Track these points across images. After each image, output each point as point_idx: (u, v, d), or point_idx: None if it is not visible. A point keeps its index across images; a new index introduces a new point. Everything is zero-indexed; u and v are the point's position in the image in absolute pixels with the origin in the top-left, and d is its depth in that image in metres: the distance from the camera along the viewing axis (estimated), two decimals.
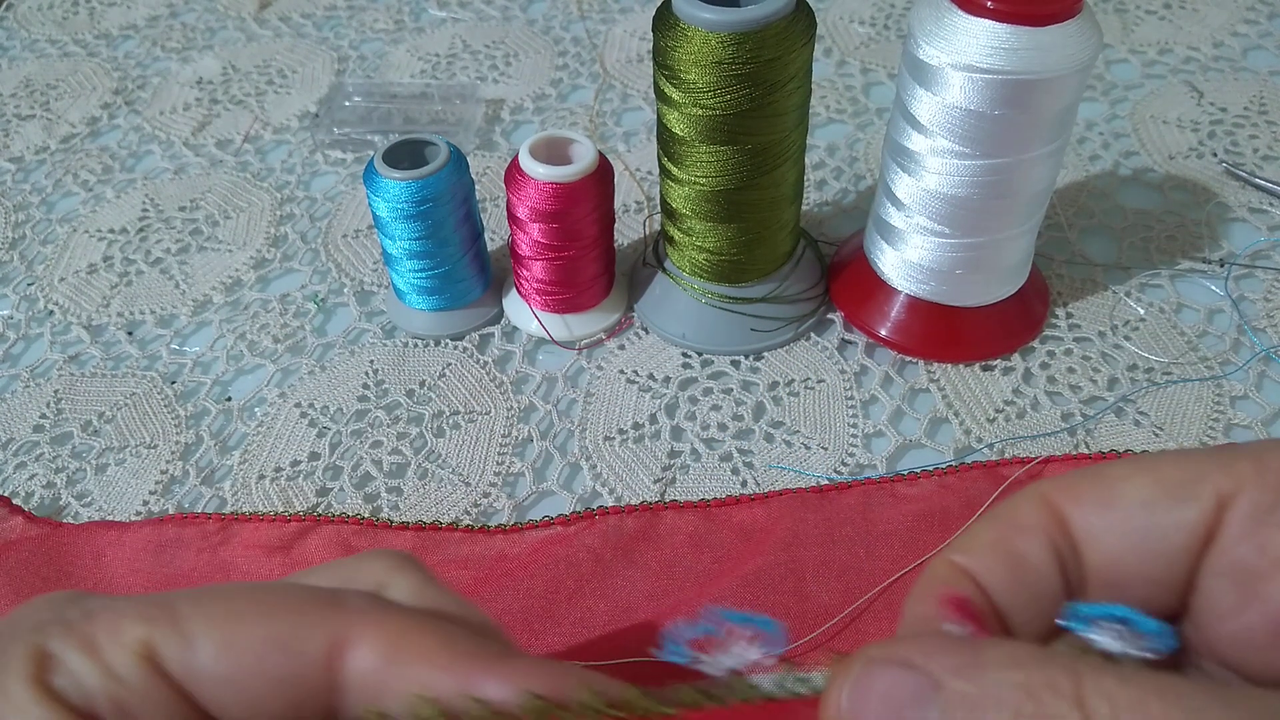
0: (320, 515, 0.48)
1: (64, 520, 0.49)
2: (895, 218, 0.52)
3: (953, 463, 0.49)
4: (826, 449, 0.51)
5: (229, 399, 0.55)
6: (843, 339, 0.56)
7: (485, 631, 0.26)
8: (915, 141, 0.49)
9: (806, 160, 0.60)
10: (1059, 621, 0.23)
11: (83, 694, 0.21)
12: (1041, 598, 0.24)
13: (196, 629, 0.22)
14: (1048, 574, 0.24)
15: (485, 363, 0.56)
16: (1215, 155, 0.67)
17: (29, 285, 0.63)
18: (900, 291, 0.54)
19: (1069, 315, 0.57)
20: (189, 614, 0.22)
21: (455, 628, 0.23)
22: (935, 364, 0.54)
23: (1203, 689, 0.18)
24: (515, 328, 0.57)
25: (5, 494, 0.50)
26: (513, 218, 0.53)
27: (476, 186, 0.56)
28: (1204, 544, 0.24)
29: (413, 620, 0.23)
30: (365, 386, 0.55)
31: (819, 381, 0.54)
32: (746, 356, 0.55)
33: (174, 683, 0.22)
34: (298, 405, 0.54)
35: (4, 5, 0.89)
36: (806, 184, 0.64)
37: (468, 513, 0.49)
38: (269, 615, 0.22)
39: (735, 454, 0.51)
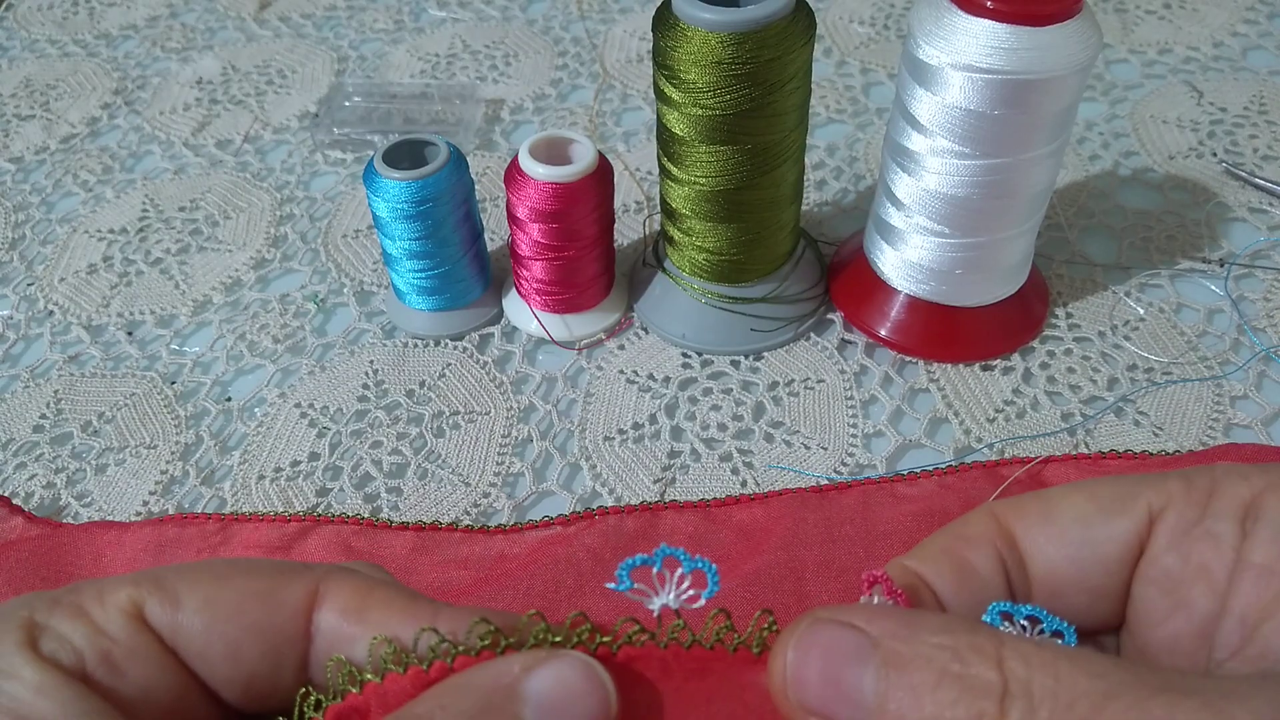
0: (320, 515, 0.48)
1: (64, 520, 0.49)
2: (895, 218, 0.52)
3: (952, 463, 0.49)
4: (826, 449, 0.51)
5: (229, 399, 0.55)
6: (843, 339, 0.56)
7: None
8: (915, 141, 0.49)
9: (806, 160, 0.60)
10: (982, 619, 0.24)
11: (73, 654, 0.22)
12: (984, 601, 0.26)
13: (181, 588, 0.23)
14: (991, 580, 0.26)
15: (485, 363, 0.56)
16: (1215, 155, 0.67)
17: (29, 285, 0.63)
18: (900, 291, 0.54)
19: (1069, 315, 0.57)
20: (174, 578, 0.24)
21: (414, 592, 0.24)
22: (935, 364, 0.54)
23: (1108, 658, 0.21)
24: (515, 328, 0.57)
25: (5, 494, 0.50)
26: (513, 218, 0.53)
27: (476, 186, 0.56)
28: (1135, 555, 0.26)
29: (378, 581, 0.25)
30: (365, 387, 0.55)
31: (819, 381, 0.54)
32: (746, 356, 0.55)
33: (160, 639, 0.23)
34: (298, 405, 0.54)
35: (4, 5, 0.89)
36: (806, 184, 0.64)
37: (468, 513, 0.49)
38: (249, 574, 0.24)
39: (735, 454, 0.51)
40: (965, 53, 0.45)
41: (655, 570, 0.22)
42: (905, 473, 0.49)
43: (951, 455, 0.50)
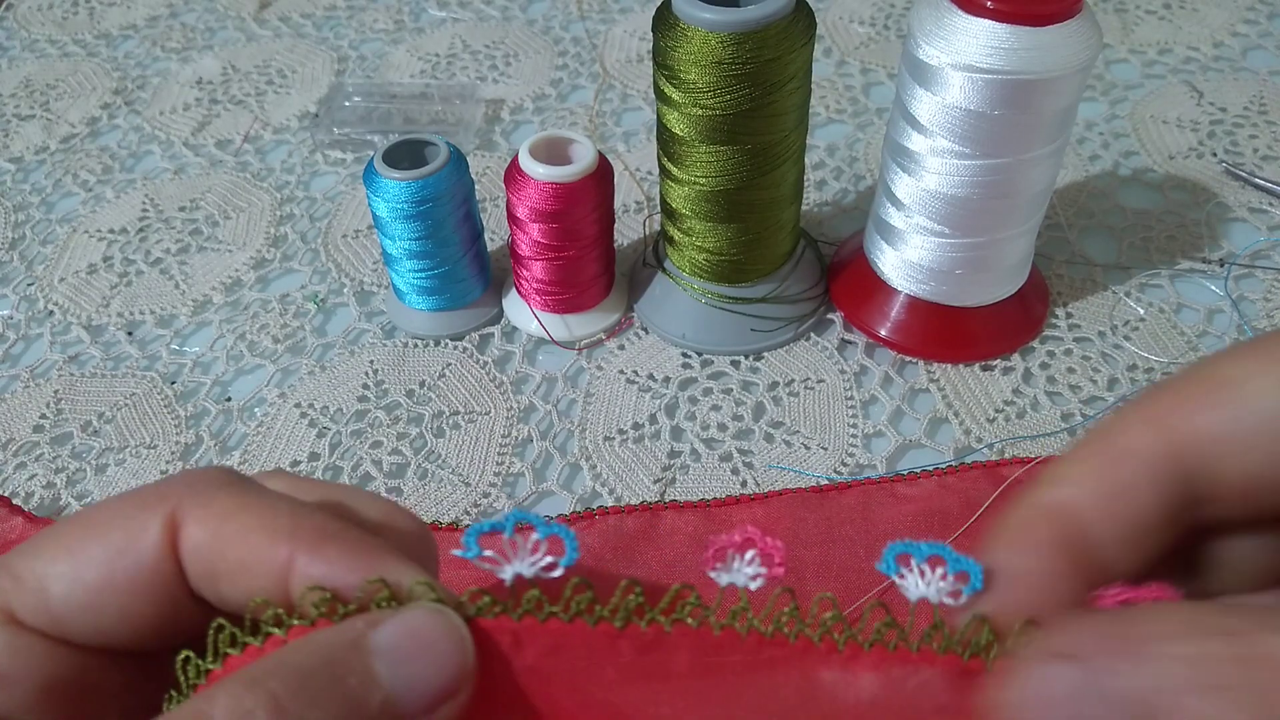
0: None
1: None
2: (895, 218, 0.52)
3: (953, 463, 0.49)
4: (826, 449, 0.51)
5: (229, 399, 0.55)
6: (843, 339, 0.56)
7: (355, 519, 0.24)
8: (915, 141, 0.49)
9: (806, 160, 0.60)
10: (877, 566, 0.21)
11: None
12: (1147, 534, 0.21)
13: (41, 572, 0.22)
14: (1154, 507, 0.21)
15: (485, 363, 0.56)
16: (1215, 155, 0.67)
17: (29, 285, 0.63)
18: (900, 291, 0.54)
19: (1069, 315, 0.57)
20: (28, 565, 0.22)
21: (289, 506, 0.22)
22: (935, 364, 0.54)
23: None
24: (515, 328, 0.58)
25: (5, 494, 0.50)
26: (513, 218, 0.53)
27: (476, 186, 0.56)
28: None
29: (242, 498, 0.22)
30: (365, 387, 0.55)
31: (819, 381, 0.54)
32: (746, 356, 0.55)
33: (38, 632, 0.22)
34: (298, 405, 0.54)
35: (4, 5, 0.89)
36: (806, 184, 0.64)
37: (468, 513, 0.49)
38: (102, 531, 0.22)
39: (735, 454, 0.51)
40: (965, 53, 0.45)
41: (506, 536, 0.21)
42: (905, 473, 0.49)
43: (951, 455, 0.50)
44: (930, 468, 0.49)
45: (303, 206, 0.67)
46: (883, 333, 0.54)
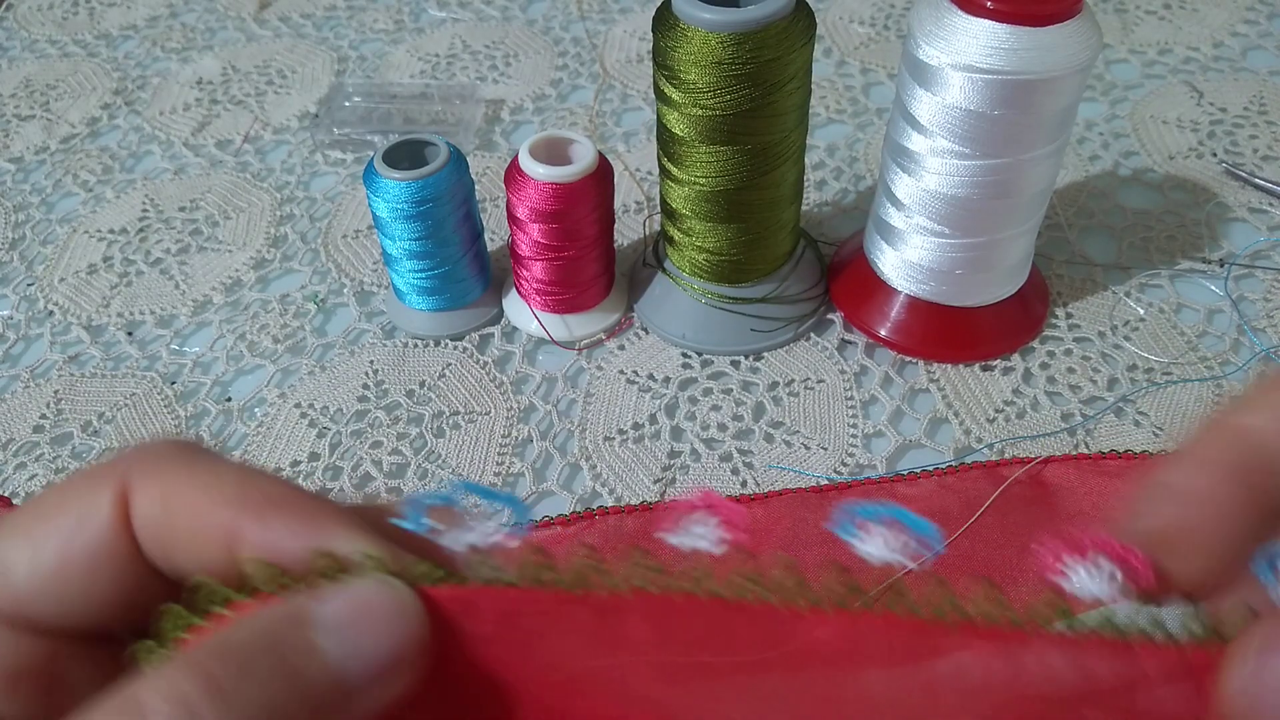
0: None
1: None
2: (895, 218, 0.52)
3: (953, 463, 0.49)
4: (826, 449, 0.51)
5: (229, 399, 0.55)
6: (843, 339, 0.56)
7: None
8: (915, 141, 0.49)
9: (806, 160, 0.60)
10: (827, 526, 0.20)
11: None
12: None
13: (1, 558, 0.21)
14: None
15: (485, 363, 0.56)
16: (1215, 155, 0.67)
17: (29, 285, 0.63)
18: (900, 291, 0.54)
19: (1069, 315, 0.57)
20: None
21: (237, 474, 0.21)
22: (935, 364, 0.54)
23: None
24: (515, 328, 0.57)
25: (5, 494, 0.50)
26: (513, 218, 0.53)
27: (476, 186, 0.56)
28: None
29: (190, 467, 0.21)
30: (365, 387, 0.55)
31: (819, 381, 0.54)
32: (746, 356, 0.55)
33: (3, 620, 0.21)
34: (298, 405, 0.54)
35: (4, 5, 0.89)
36: (806, 184, 0.64)
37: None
38: (56, 511, 0.21)
39: (735, 454, 0.51)
40: (965, 53, 0.45)
41: (453, 507, 0.20)
42: (905, 473, 0.49)
43: (951, 455, 0.50)
44: (930, 468, 0.49)
45: (303, 206, 0.67)
46: (883, 333, 0.54)
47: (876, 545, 0.20)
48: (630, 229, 0.64)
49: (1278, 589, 0.19)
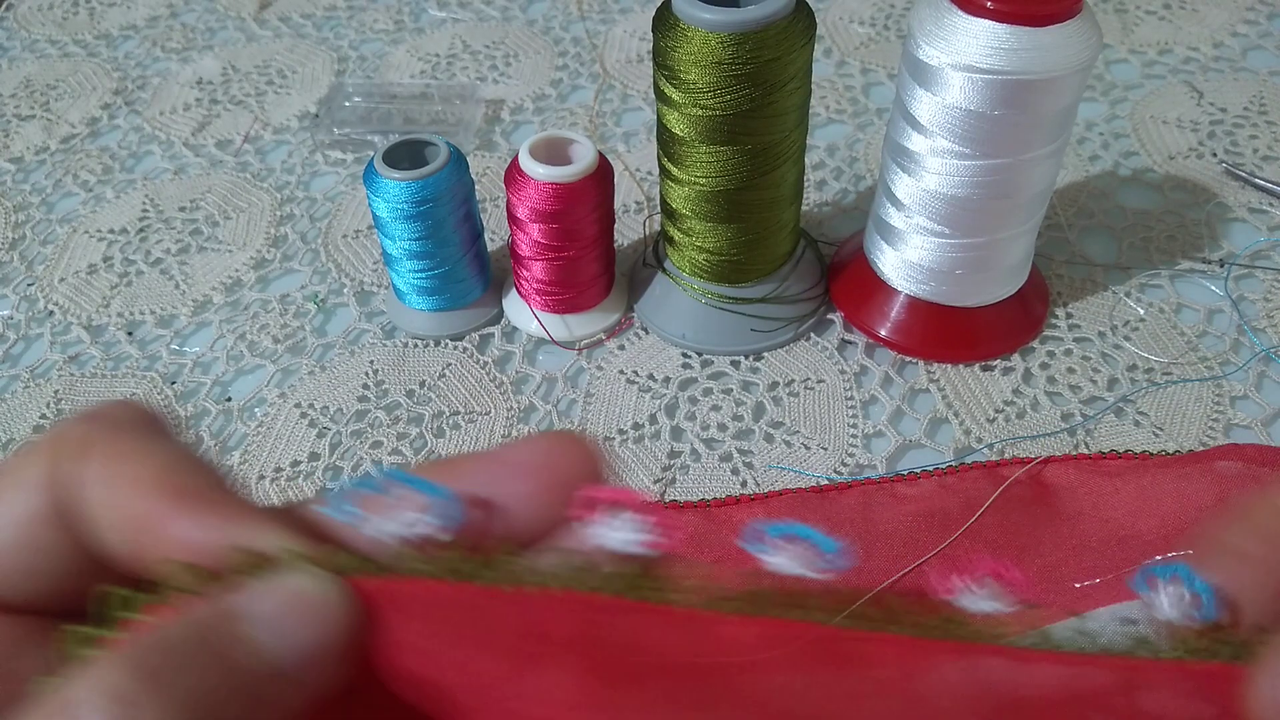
0: None
1: None
2: (895, 218, 0.52)
3: (953, 463, 0.49)
4: (826, 449, 0.51)
5: (229, 399, 0.55)
6: (843, 339, 0.56)
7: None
8: (915, 142, 0.49)
9: (806, 160, 0.60)
10: (739, 543, 0.20)
11: None
12: None
13: None
14: None
15: (485, 363, 0.56)
16: (1215, 155, 0.67)
17: (29, 285, 0.63)
18: (900, 291, 0.54)
19: (1069, 315, 0.57)
20: None
21: (165, 460, 0.21)
22: (935, 364, 0.54)
23: None
24: (515, 328, 0.58)
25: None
26: (513, 218, 0.53)
27: (476, 186, 0.56)
28: None
29: (123, 446, 0.21)
30: (365, 387, 0.55)
31: (819, 382, 0.54)
32: (746, 356, 0.55)
33: None
34: (298, 405, 0.54)
35: (4, 5, 0.89)
36: (806, 184, 0.64)
37: None
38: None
39: (735, 454, 0.51)
40: (965, 53, 0.45)
41: (380, 495, 0.20)
42: (905, 473, 0.49)
43: (951, 455, 0.50)
44: (930, 468, 0.49)
45: (303, 206, 0.67)
46: (883, 333, 0.54)
47: (784, 559, 0.20)
48: (630, 229, 0.64)
49: (1155, 599, 0.20)
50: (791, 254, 0.56)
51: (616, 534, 0.20)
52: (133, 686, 0.17)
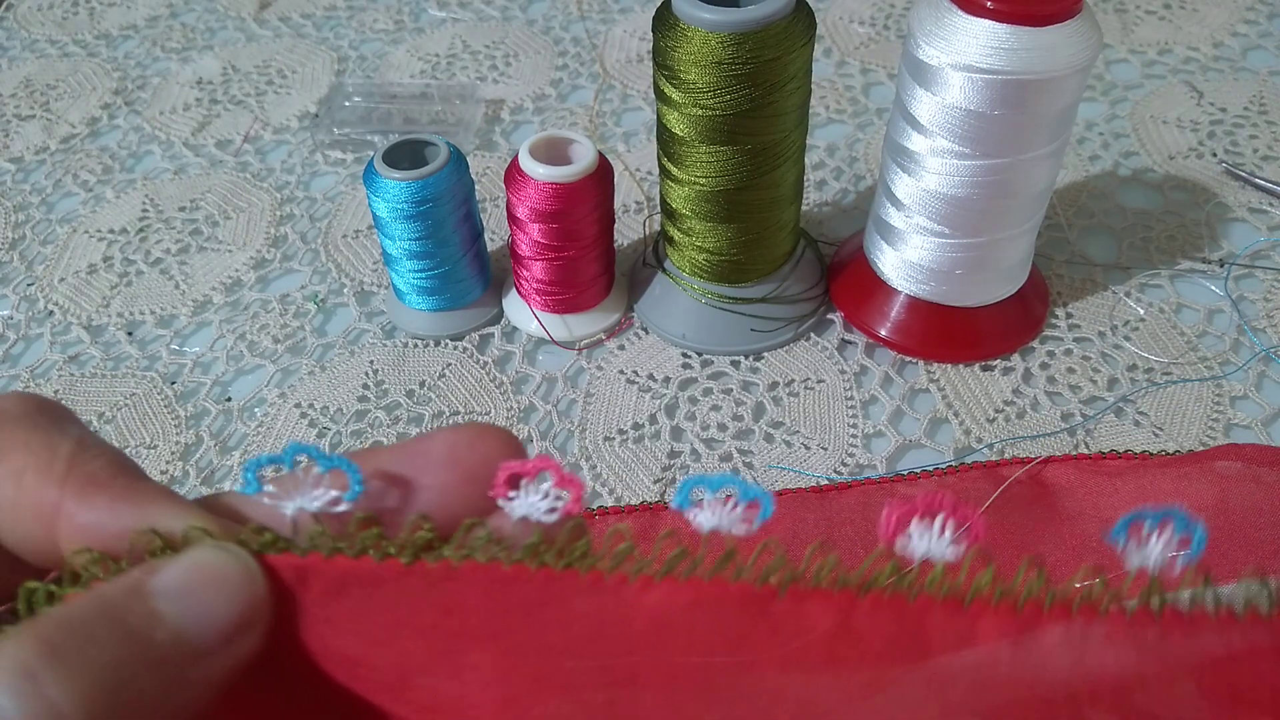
0: None
1: None
2: (895, 218, 0.52)
3: (953, 463, 0.49)
4: (826, 449, 0.51)
5: (229, 399, 0.55)
6: (843, 339, 0.56)
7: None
8: (915, 141, 0.49)
9: (806, 160, 0.60)
10: (672, 503, 0.20)
11: None
12: None
13: None
14: None
15: (485, 363, 0.56)
16: (1215, 155, 0.67)
17: (29, 285, 0.63)
18: (900, 291, 0.54)
19: (1069, 315, 0.57)
20: None
21: (70, 448, 0.21)
22: (935, 364, 0.54)
23: None
24: (515, 328, 0.57)
25: None
26: (513, 218, 0.53)
27: (476, 186, 0.56)
28: None
29: (24, 435, 0.21)
30: (365, 387, 0.55)
31: (819, 381, 0.54)
32: (746, 356, 0.55)
33: None
34: (298, 405, 0.54)
35: (4, 5, 0.89)
36: (806, 184, 0.64)
37: None
38: None
39: (735, 454, 0.51)
40: (965, 53, 0.45)
41: (286, 470, 0.20)
42: (905, 473, 0.49)
43: (951, 455, 0.50)
44: (930, 468, 0.49)
45: (303, 206, 0.67)
46: (883, 333, 0.54)
47: (707, 515, 0.20)
48: (630, 229, 0.64)
49: (1132, 552, 0.19)
50: (791, 254, 0.56)
51: (535, 503, 0.20)
52: (36, 661, 0.17)
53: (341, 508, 0.20)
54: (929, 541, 0.20)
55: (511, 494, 0.20)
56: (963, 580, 0.20)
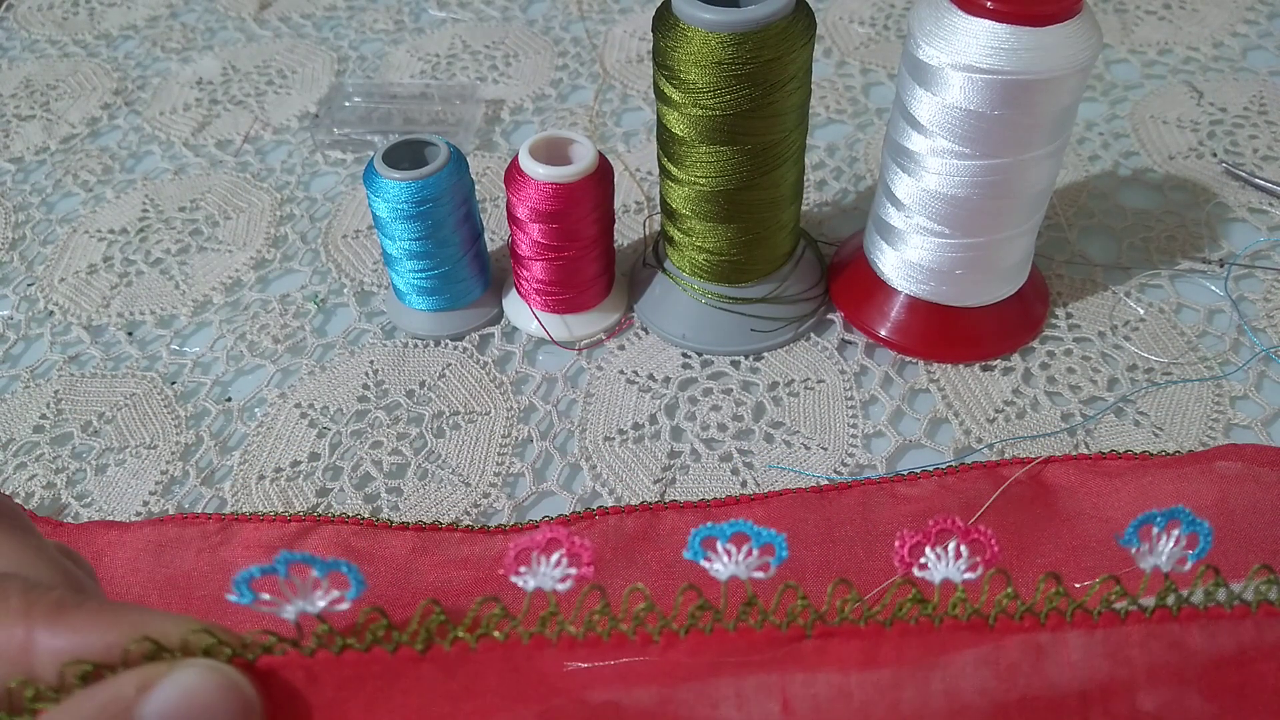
0: (320, 515, 0.48)
1: (64, 520, 0.49)
2: (895, 218, 0.52)
3: (953, 463, 0.49)
4: (826, 449, 0.51)
5: (229, 399, 0.55)
6: (843, 339, 0.56)
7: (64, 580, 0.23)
8: (915, 142, 0.49)
9: (806, 160, 0.60)
10: (685, 555, 0.21)
11: None
12: None
13: None
14: None
15: (485, 363, 0.56)
16: (1215, 155, 0.67)
17: (29, 285, 0.63)
18: (900, 291, 0.54)
19: (1069, 315, 0.57)
20: None
21: (20, 585, 0.21)
22: (935, 364, 0.54)
23: None
24: (515, 328, 0.58)
25: (5, 492, 0.50)
26: (513, 218, 0.53)
27: (476, 186, 0.56)
28: None
29: None
30: (365, 387, 0.55)
31: (819, 382, 0.54)
32: (746, 356, 0.55)
33: None
34: (298, 406, 0.54)
35: (4, 5, 0.89)
36: (806, 184, 0.64)
37: (468, 513, 0.49)
38: None
39: (735, 454, 0.51)
40: (965, 53, 0.45)
41: (282, 578, 0.20)
42: (905, 473, 0.49)
43: (951, 455, 0.50)
44: (930, 468, 0.49)
45: (303, 207, 0.67)
46: (883, 333, 0.54)
47: (724, 563, 0.20)
48: (630, 229, 0.64)
49: (1145, 554, 0.20)
50: (791, 254, 0.56)
51: (548, 574, 0.20)
52: None
53: (343, 606, 0.20)
54: (946, 566, 0.20)
55: (522, 569, 0.20)
56: (984, 601, 0.20)
